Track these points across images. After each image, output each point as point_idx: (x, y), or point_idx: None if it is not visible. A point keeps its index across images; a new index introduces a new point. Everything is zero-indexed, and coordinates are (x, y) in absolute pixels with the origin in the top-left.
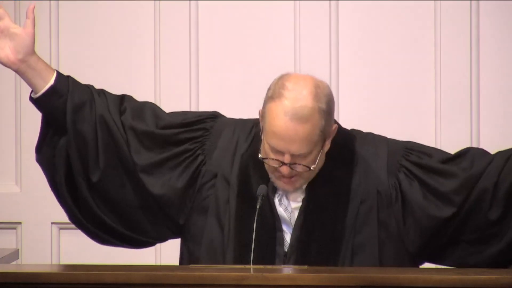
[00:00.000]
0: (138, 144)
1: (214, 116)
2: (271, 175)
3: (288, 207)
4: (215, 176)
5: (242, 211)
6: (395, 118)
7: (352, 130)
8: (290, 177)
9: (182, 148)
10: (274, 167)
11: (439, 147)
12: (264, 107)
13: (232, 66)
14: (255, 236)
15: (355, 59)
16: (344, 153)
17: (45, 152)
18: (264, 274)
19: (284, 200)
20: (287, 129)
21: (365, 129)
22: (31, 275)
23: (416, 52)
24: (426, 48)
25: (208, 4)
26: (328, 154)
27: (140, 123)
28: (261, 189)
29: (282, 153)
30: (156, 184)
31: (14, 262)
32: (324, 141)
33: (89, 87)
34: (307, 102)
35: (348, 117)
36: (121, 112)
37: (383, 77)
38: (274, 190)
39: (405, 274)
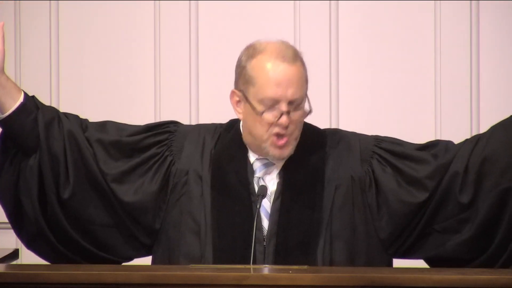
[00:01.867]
0: (105, 155)
1: (176, 122)
2: (264, 145)
3: (268, 191)
4: (187, 173)
5: (219, 203)
6: (395, 117)
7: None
8: (284, 135)
9: (150, 152)
10: (269, 125)
11: None
12: (243, 71)
13: (232, 66)
14: (255, 235)
15: (355, 59)
16: (316, 142)
17: (5, 178)
18: (264, 274)
19: (262, 183)
20: (282, 71)
21: (365, 128)
22: (31, 275)
23: (416, 52)
24: (426, 48)
25: (208, 4)
26: (301, 142)
27: (105, 135)
28: (261, 190)
29: (278, 103)
30: (128, 192)
31: (14, 262)
32: (306, 92)
33: (52, 107)
34: (287, 45)
35: (348, 117)
36: (83, 130)
37: (383, 77)
38: (252, 173)
39: (405, 274)
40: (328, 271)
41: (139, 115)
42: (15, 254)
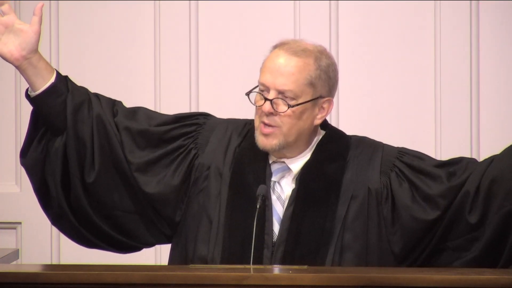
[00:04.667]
0: (132, 144)
1: (207, 114)
2: (257, 134)
3: (282, 195)
4: (208, 168)
5: (234, 202)
6: (395, 118)
7: (350, 135)
8: (269, 124)
9: (176, 144)
10: (260, 113)
11: (438, 147)
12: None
13: (232, 66)
14: (255, 233)
15: (355, 59)
16: (338, 150)
17: (33, 155)
18: (264, 274)
19: (278, 187)
20: (277, 60)
21: (364, 129)
22: (31, 275)
23: (416, 53)
24: (426, 48)
25: (208, 4)
26: (322, 148)
27: (134, 123)
28: (261, 189)
29: (268, 91)
30: (150, 183)
31: (14, 262)
32: (313, 97)
33: (85, 88)
34: (306, 46)
35: (348, 117)
36: (114, 114)
37: (383, 77)
38: (269, 176)
39: (405, 274)
40: (328, 271)
41: None
42: (15, 254)
